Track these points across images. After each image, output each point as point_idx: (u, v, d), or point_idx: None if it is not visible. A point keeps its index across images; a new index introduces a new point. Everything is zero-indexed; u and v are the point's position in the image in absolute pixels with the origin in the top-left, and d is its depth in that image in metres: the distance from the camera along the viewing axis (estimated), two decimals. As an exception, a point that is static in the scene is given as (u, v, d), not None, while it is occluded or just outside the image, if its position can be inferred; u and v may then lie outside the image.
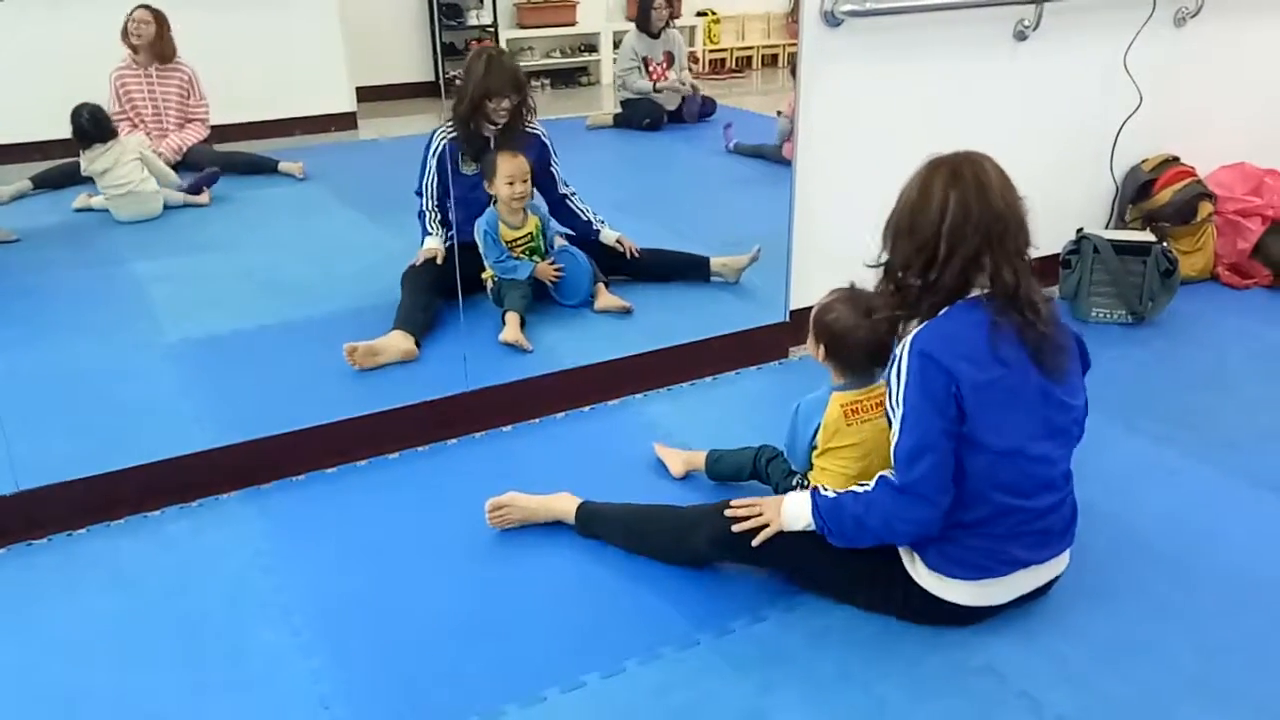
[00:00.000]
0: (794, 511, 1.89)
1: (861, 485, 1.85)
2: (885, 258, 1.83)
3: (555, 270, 3.20)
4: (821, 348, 2.03)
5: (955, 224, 1.71)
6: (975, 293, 1.75)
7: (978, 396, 1.71)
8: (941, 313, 1.76)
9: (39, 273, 3.40)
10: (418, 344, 2.89)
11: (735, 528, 1.93)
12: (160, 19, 4.31)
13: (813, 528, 1.86)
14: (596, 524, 2.15)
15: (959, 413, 1.71)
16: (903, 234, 1.77)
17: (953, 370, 1.70)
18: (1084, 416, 1.85)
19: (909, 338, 1.76)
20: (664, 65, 5.06)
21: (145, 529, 2.27)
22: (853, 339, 1.98)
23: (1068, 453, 1.84)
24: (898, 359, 1.77)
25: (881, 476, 1.81)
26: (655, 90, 5.00)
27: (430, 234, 3.24)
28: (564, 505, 2.19)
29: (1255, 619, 1.92)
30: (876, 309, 1.91)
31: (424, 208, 3.28)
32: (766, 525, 1.91)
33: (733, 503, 1.97)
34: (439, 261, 3.13)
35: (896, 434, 1.76)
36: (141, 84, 4.34)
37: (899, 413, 1.75)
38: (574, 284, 3.25)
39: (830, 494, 1.86)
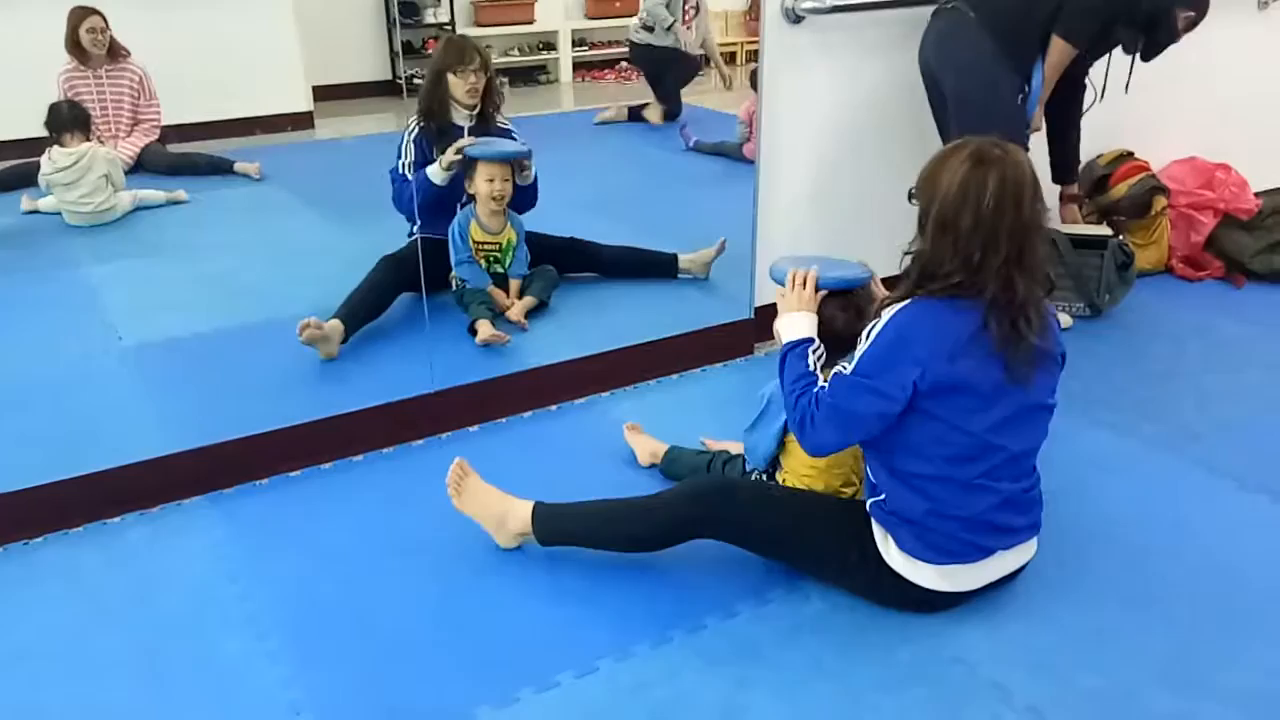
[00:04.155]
0: (790, 323, 1.93)
1: (818, 385, 1.85)
2: (919, 247, 1.80)
3: (521, 323, 3.07)
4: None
5: (991, 232, 1.70)
6: (979, 295, 1.73)
7: (938, 388, 1.74)
8: (937, 298, 1.76)
9: (-12, 277, 3.33)
10: (343, 340, 2.87)
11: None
12: (106, 21, 4.22)
13: (779, 346, 1.93)
14: (556, 524, 2.08)
15: (914, 393, 1.75)
16: (942, 230, 1.74)
17: (922, 361, 1.73)
18: (1050, 417, 1.88)
19: (896, 308, 1.77)
20: (691, 13, 4.87)
21: (104, 537, 2.22)
22: (830, 328, 1.96)
23: (1028, 446, 1.86)
24: (877, 322, 1.79)
25: (835, 377, 1.82)
26: (669, 33, 4.62)
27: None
28: (519, 511, 2.09)
29: (1219, 606, 1.95)
30: (861, 303, 1.94)
31: (401, 180, 3.12)
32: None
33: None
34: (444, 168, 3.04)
35: (849, 366, 1.80)
36: (90, 86, 4.25)
37: (857, 357, 1.79)
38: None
39: (813, 365, 1.88)
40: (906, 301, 1.78)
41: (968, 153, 1.74)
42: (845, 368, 1.82)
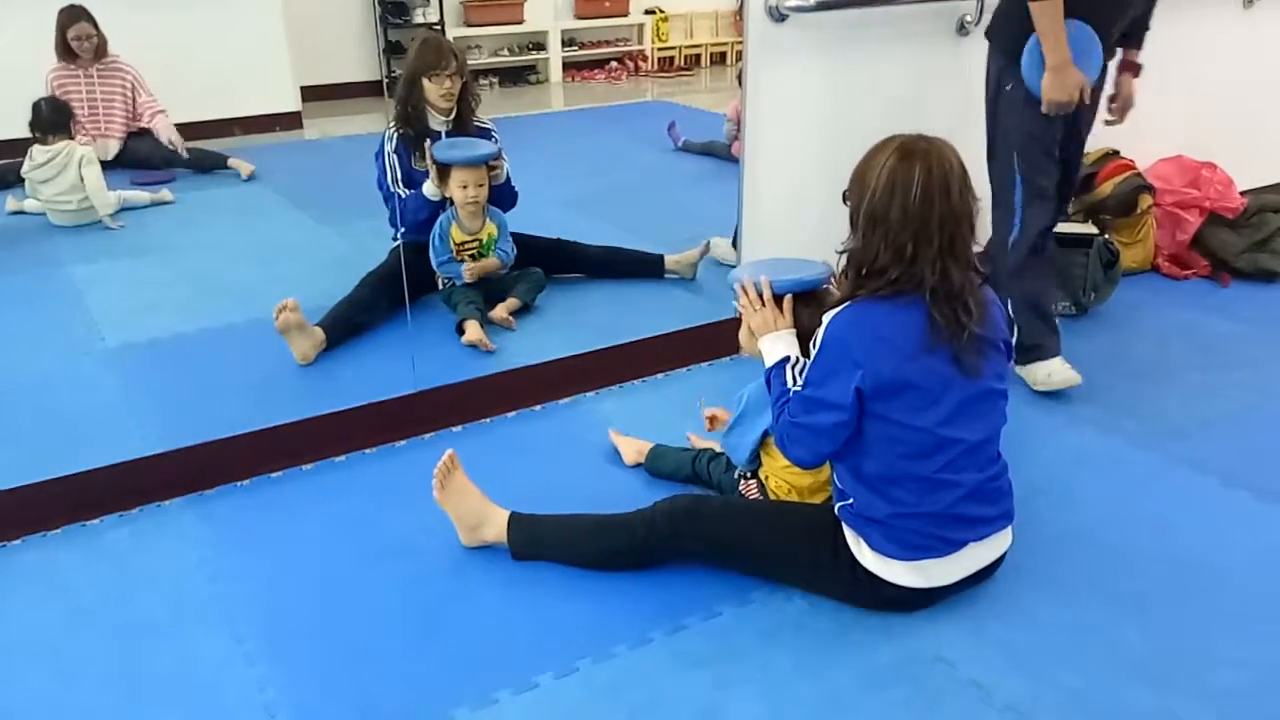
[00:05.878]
0: (769, 346, 1.94)
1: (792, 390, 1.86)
2: (852, 245, 1.82)
3: (484, 268, 3.12)
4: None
5: (922, 223, 1.72)
6: (917, 289, 1.75)
7: (882, 390, 1.75)
8: (875, 298, 1.77)
9: (-29, 278, 3.31)
10: (324, 347, 2.85)
11: (738, 304, 2.01)
12: (95, 22, 4.21)
13: (765, 365, 1.94)
14: (531, 534, 2.07)
15: (861, 397, 1.76)
16: (873, 224, 1.76)
17: (861, 364, 1.75)
18: (1004, 403, 1.88)
19: (833, 313, 1.79)
20: None
21: (83, 539, 2.21)
22: (800, 331, 1.96)
23: (987, 435, 1.85)
24: (819, 331, 1.81)
25: (792, 395, 1.85)
26: None
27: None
28: (496, 520, 2.10)
29: (1201, 604, 1.95)
30: (827, 302, 1.91)
31: (398, 200, 3.15)
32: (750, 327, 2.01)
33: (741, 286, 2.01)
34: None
35: (800, 382, 1.84)
36: (80, 85, 4.24)
37: (806, 369, 1.83)
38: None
39: (791, 380, 1.87)
40: (843, 306, 1.79)
41: (894, 147, 1.77)
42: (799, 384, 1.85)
